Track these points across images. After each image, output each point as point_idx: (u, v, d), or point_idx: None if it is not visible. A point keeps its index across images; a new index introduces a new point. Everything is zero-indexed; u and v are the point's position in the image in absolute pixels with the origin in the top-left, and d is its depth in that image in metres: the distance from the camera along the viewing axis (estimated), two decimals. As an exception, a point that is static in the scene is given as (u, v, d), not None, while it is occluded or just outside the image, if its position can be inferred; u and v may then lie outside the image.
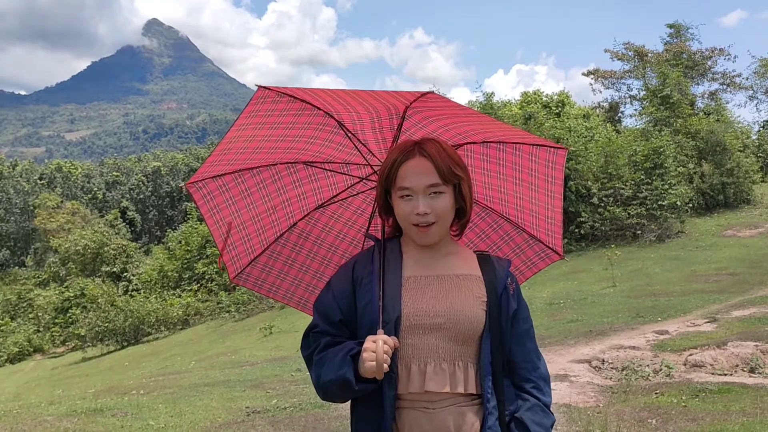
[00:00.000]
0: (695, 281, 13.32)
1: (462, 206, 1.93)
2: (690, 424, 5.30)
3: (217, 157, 2.21)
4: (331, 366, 1.85)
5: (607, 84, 36.95)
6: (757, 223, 19.61)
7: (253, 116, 2.06)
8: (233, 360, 12.88)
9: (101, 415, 7.25)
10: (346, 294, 1.96)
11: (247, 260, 2.50)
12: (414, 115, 2.03)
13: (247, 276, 2.54)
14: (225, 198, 2.36)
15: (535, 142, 2.10)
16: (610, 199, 19.71)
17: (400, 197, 1.88)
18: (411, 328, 1.84)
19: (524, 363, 1.94)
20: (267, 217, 2.44)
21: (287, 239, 2.52)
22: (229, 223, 2.36)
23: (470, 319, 1.84)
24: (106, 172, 74.38)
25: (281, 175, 2.39)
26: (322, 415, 6.55)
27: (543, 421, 1.87)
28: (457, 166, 1.89)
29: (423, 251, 1.96)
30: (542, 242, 2.35)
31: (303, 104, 2.06)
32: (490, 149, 2.16)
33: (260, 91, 1.99)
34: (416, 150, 1.87)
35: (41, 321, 33.00)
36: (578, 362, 7.79)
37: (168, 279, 32.33)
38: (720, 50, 34.54)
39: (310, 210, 2.49)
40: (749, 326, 8.45)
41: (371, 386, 1.81)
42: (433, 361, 1.83)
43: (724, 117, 27.40)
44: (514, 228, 2.37)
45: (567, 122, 22.62)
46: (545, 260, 2.42)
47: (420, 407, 1.83)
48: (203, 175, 2.30)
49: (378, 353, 1.72)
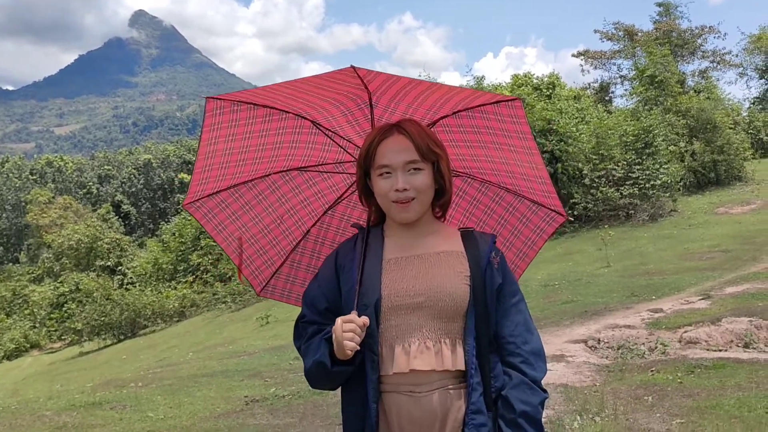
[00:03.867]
0: (689, 259, 13.38)
1: (441, 185, 1.93)
2: (686, 400, 5.35)
3: (201, 175, 2.17)
4: (311, 353, 1.89)
5: (597, 65, 36.97)
6: (749, 200, 19.68)
7: (217, 129, 2.03)
8: (230, 350, 12.89)
9: (100, 408, 7.26)
10: (330, 282, 1.98)
11: (269, 273, 2.47)
12: (380, 101, 2.00)
13: (273, 288, 2.52)
14: (227, 214, 2.33)
15: (491, 99, 2.02)
16: (602, 180, 19.72)
17: (379, 175, 1.89)
18: (392, 309, 1.84)
19: (511, 337, 1.90)
20: (276, 228, 2.41)
21: (304, 247, 2.49)
22: (239, 238, 2.35)
23: (452, 295, 1.83)
24: (98, 166, 73.97)
25: (278, 184, 2.36)
26: (320, 402, 6.57)
27: (529, 399, 1.83)
28: (435, 144, 1.90)
29: (405, 233, 1.96)
30: (544, 205, 2.29)
31: (267, 110, 2.04)
32: (461, 119, 2.10)
33: (211, 102, 1.97)
34: (394, 129, 1.89)
35: (37, 317, 32.96)
36: (574, 342, 7.83)
37: (163, 271, 32.26)
38: (710, 28, 34.58)
39: (318, 215, 2.46)
40: (743, 302, 8.51)
41: (347, 368, 1.83)
42: (417, 340, 1.83)
43: (714, 95, 27.44)
44: (515, 197, 2.31)
45: (558, 104, 22.56)
46: (552, 224, 2.33)
47: (405, 391, 1.83)
48: (198, 195, 2.26)
49: (336, 332, 1.75)
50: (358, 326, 1.76)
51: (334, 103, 2.02)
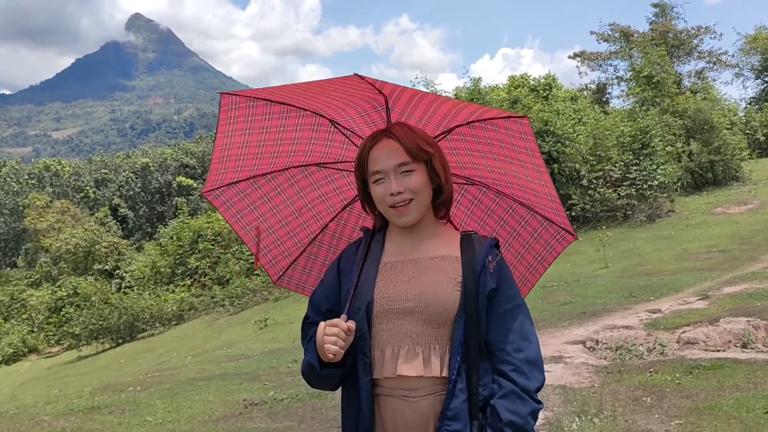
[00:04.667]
0: (686, 259, 13.41)
1: (438, 183, 1.93)
2: (684, 401, 5.35)
3: (219, 166, 2.20)
4: (306, 353, 1.92)
5: (593, 66, 37.07)
6: (746, 200, 19.72)
7: (233, 123, 2.04)
8: (229, 353, 12.88)
9: (98, 413, 7.24)
10: (332, 284, 2.00)
11: (286, 263, 2.51)
12: (396, 104, 2.01)
13: (289, 278, 2.55)
14: (246, 204, 2.37)
15: (499, 115, 2.04)
16: (599, 181, 19.76)
17: (375, 182, 1.90)
18: (384, 313, 1.85)
19: (503, 344, 1.83)
20: (294, 220, 2.44)
21: (321, 241, 2.51)
22: (256, 227, 2.37)
23: (442, 301, 1.82)
24: (95, 169, 73.86)
25: (297, 178, 2.38)
26: (319, 405, 6.57)
27: (518, 409, 1.75)
28: (426, 143, 1.90)
29: (405, 237, 1.96)
30: (554, 222, 2.28)
31: (284, 107, 2.05)
32: (476, 129, 2.11)
33: (225, 98, 1.99)
34: (383, 134, 1.90)
35: (35, 321, 32.83)
36: (572, 343, 7.84)
37: (161, 275, 32.17)
38: (706, 28, 34.71)
39: (337, 210, 2.48)
40: (741, 302, 8.53)
41: (336, 371, 1.85)
42: (406, 345, 1.82)
43: (710, 95, 27.49)
44: (528, 211, 2.29)
45: (555, 105, 22.58)
46: (562, 243, 2.33)
47: (400, 395, 1.83)
48: (217, 183, 2.29)
49: (318, 335, 1.77)
50: (342, 330, 1.76)
51: (350, 104, 2.03)
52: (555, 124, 20.13)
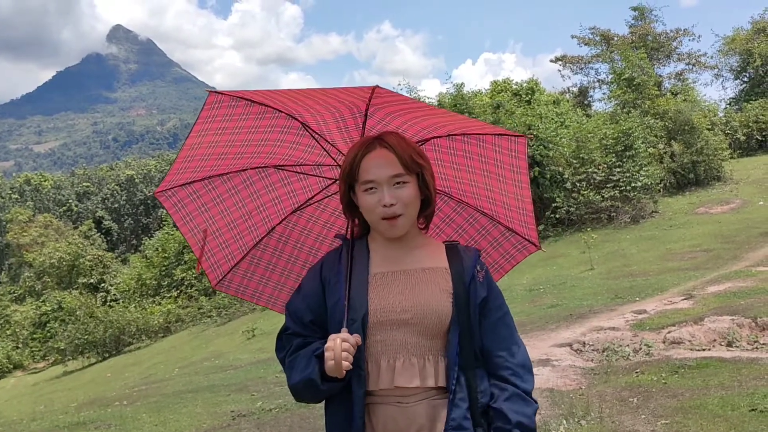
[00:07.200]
0: (671, 259, 13.51)
1: (427, 196, 1.93)
2: (670, 401, 5.38)
3: (181, 165, 2.18)
4: (298, 368, 1.86)
5: (575, 69, 37.30)
6: (728, 199, 19.91)
7: (210, 121, 2.04)
8: (217, 365, 12.80)
9: (84, 428, 7.17)
10: (315, 295, 1.96)
11: (228, 267, 2.48)
12: (376, 113, 2.03)
13: (229, 282, 2.53)
14: (197, 205, 2.33)
15: (495, 131, 2.10)
16: (583, 184, 19.89)
17: (365, 191, 1.88)
18: (379, 325, 1.84)
19: (499, 351, 1.89)
20: (243, 223, 2.41)
21: (267, 244, 2.49)
22: (204, 230, 2.34)
23: (437, 312, 1.84)
24: (77, 182, 73.24)
25: (252, 180, 2.37)
26: (307, 415, 6.54)
27: (523, 410, 1.83)
28: (419, 155, 1.90)
29: (390, 247, 1.95)
30: (518, 233, 2.36)
31: (262, 107, 2.04)
32: (455, 142, 2.16)
33: (212, 96, 1.98)
34: (377, 143, 1.88)
35: (19, 337, 32.44)
36: (559, 346, 7.86)
37: (147, 287, 31.94)
38: (684, 31, 35.08)
39: (287, 214, 2.46)
40: (725, 301, 8.60)
41: (337, 385, 1.81)
42: (402, 356, 1.83)
43: (691, 96, 27.73)
44: (490, 221, 2.37)
45: (538, 109, 22.74)
46: (522, 252, 2.43)
47: (393, 402, 1.83)
48: (171, 183, 2.26)
49: (335, 351, 1.72)
50: (351, 345, 1.75)
51: (330, 109, 2.04)
52: (538, 128, 20.26)
